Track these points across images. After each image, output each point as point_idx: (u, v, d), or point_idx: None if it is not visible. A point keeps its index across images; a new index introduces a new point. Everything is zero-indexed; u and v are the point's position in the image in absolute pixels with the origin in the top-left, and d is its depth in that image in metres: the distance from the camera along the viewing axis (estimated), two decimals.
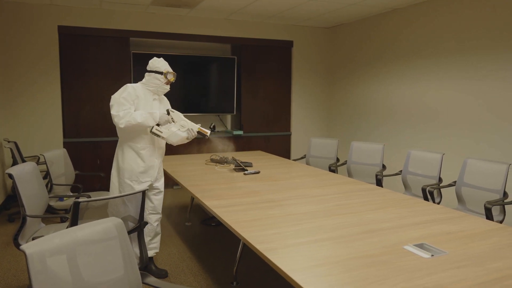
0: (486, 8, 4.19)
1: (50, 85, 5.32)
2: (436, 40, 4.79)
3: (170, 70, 3.02)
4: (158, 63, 2.99)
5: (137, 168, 2.95)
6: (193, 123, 2.99)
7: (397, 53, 5.41)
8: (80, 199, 2.09)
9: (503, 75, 4.06)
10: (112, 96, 2.90)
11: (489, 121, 4.20)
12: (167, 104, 3.22)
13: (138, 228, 2.35)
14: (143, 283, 1.71)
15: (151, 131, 2.87)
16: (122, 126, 2.78)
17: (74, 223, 2.06)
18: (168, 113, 2.96)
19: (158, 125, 2.90)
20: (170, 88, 3.07)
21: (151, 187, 3.06)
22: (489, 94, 4.19)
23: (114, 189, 3.01)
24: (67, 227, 1.98)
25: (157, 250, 3.23)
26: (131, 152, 2.96)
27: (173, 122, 2.94)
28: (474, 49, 4.33)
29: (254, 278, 3.13)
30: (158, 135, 2.88)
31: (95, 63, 5.50)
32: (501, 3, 4.04)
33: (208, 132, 3.00)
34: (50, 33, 5.26)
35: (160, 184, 3.15)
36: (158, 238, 3.22)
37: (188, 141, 3.01)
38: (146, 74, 3.02)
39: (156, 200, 3.15)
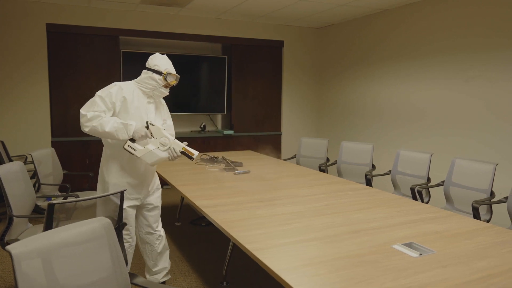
0: (473, 10, 4.25)
1: (38, 83, 5.26)
2: (424, 41, 4.83)
3: (173, 71, 2.53)
4: (158, 61, 2.53)
5: (123, 184, 2.51)
6: (177, 141, 2.48)
7: (385, 53, 5.45)
8: (54, 201, 2.05)
9: (489, 75, 4.11)
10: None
11: (477, 121, 4.25)
12: (164, 110, 2.72)
13: (117, 230, 2.31)
14: (131, 283, 1.70)
15: (123, 147, 2.38)
16: (86, 130, 2.35)
17: (48, 226, 2.01)
18: (147, 127, 2.43)
19: (133, 140, 2.39)
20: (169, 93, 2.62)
21: (142, 204, 2.68)
22: (476, 95, 4.25)
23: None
24: (42, 231, 1.95)
25: (166, 272, 2.85)
26: (116, 165, 2.53)
27: (152, 137, 2.44)
28: (462, 49, 4.38)
29: (244, 278, 3.13)
30: (131, 153, 2.40)
31: (84, 61, 5.45)
32: (488, 4, 4.09)
33: (194, 153, 2.47)
34: (38, 31, 5.20)
35: (154, 198, 2.75)
36: (166, 258, 2.84)
37: (169, 160, 2.53)
38: (144, 71, 2.55)
39: (151, 217, 2.73)
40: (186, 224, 4.39)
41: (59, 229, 1.53)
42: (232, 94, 6.35)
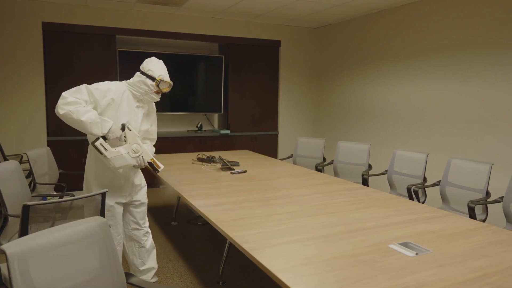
0: (471, 10, 4.26)
1: (34, 82, 5.23)
2: (422, 41, 4.85)
3: (167, 78, 2.48)
4: (153, 66, 2.47)
5: (105, 184, 2.49)
6: (148, 151, 2.49)
7: (383, 53, 5.46)
8: (29, 203, 2.04)
9: (487, 75, 4.13)
10: None
11: (473, 121, 4.27)
12: (153, 115, 2.70)
13: None
14: (127, 283, 1.69)
15: (92, 143, 2.29)
16: (60, 112, 2.24)
17: (24, 229, 1.99)
18: (123, 129, 2.37)
19: (104, 138, 2.31)
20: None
21: (128, 201, 2.67)
22: (474, 95, 4.26)
23: None
24: (18, 233, 1.94)
25: (154, 272, 2.84)
26: (99, 164, 2.48)
27: (125, 141, 2.38)
28: (459, 50, 4.39)
29: (240, 277, 3.12)
30: (100, 152, 2.30)
31: (80, 60, 5.43)
32: (486, 5, 4.11)
33: (161, 167, 2.53)
34: (34, 30, 5.17)
35: (141, 195, 2.73)
36: (153, 257, 2.83)
37: (135, 168, 2.54)
38: (137, 74, 2.50)
39: (137, 213, 2.72)
40: (183, 224, 4.38)
41: (54, 229, 1.52)
42: (229, 94, 6.34)
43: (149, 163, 2.48)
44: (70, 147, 5.41)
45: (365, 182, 3.86)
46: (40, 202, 2.12)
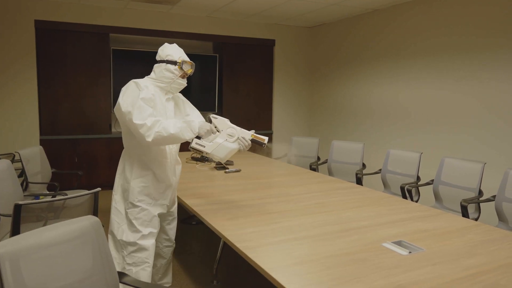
0: (463, 10, 4.28)
1: (26, 81, 5.18)
2: (414, 40, 4.87)
3: (187, 58, 2.37)
4: (169, 50, 2.33)
5: (153, 189, 2.30)
6: (243, 129, 2.33)
7: (377, 53, 5.48)
8: (21, 202, 2.02)
9: (479, 75, 4.15)
10: (121, 100, 2.16)
11: (466, 120, 4.30)
12: (186, 105, 2.54)
13: None
14: (120, 282, 1.68)
15: (190, 146, 2.23)
16: (149, 139, 2.08)
17: (15, 228, 1.98)
18: (210, 121, 2.29)
19: (198, 137, 2.24)
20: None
21: (164, 215, 2.47)
22: (466, 94, 4.29)
23: (119, 219, 2.30)
24: (10, 233, 1.92)
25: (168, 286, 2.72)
26: (143, 169, 2.28)
27: (217, 131, 2.29)
28: (452, 49, 4.42)
29: (234, 276, 3.12)
30: (200, 150, 2.25)
31: (73, 59, 5.39)
32: (478, 4, 4.13)
33: (265, 139, 2.32)
34: (27, 28, 5.13)
35: (175, 208, 2.58)
36: (170, 269, 2.73)
37: (241, 151, 2.34)
38: (156, 66, 2.34)
39: (170, 230, 2.59)
40: (177, 223, 4.36)
41: (46, 228, 1.50)
42: (223, 93, 6.33)
43: (252, 140, 2.31)
44: (63, 146, 5.37)
45: (359, 181, 3.87)
46: (32, 201, 2.10)
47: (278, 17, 6.03)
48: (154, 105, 2.21)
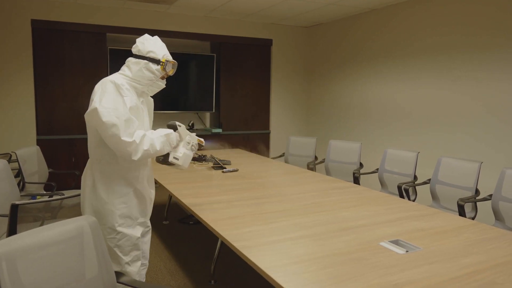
0: (460, 9, 4.30)
1: (23, 81, 5.16)
2: (411, 40, 4.88)
3: (170, 57, 2.10)
4: (153, 45, 2.02)
5: (134, 209, 2.03)
6: (190, 133, 2.23)
7: (373, 52, 5.49)
8: (18, 202, 2.01)
9: (475, 75, 4.17)
10: (99, 105, 1.81)
11: (463, 119, 4.31)
12: (151, 108, 2.26)
13: None
14: (118, 282, 1.68)
15: (164, 161, 2.06)
16: (136, 158, 1.85)
17: (12, 228, 1.97)
18: (175, 128, 2.12)
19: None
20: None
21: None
22: (462, 94, 4.30)
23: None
24: (7, 232, 1.91)
25: None
26: (124, 187, 1.99)
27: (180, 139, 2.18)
28: (448, 49, 4.43)
29: (232, 276, 3.12)
30: (173, 164, 2.09)
31: (70, 59, 5.37)
32: (474, 4, 4.15)
33: (203, 141, 2.30)
34: (23, 27, 5.11)
35: (148, 218, 2.28)
36: None
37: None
38: (133, 61, 2.01)
39: (145, 244, 2.25)
40: (174, 223, 4.36)
41: (43, 228, 1.50)
42: (221, 93, 6.33)
43: (199, 144, 2.26)
44: (60, 146, 5.36)
45: (356, 181, 3.87)
46: (29, 201, 2.09)
47: (276, 16, 6.03)
48: (136, 114, 1.94)
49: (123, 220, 1.97)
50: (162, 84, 2.11)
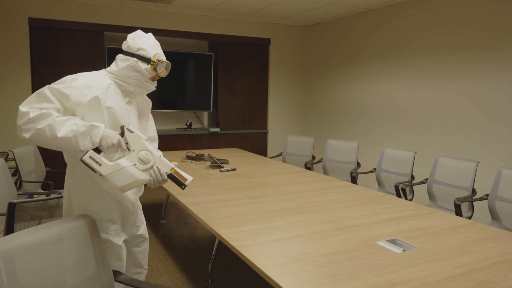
0: (457, 11, 4.31)
1: (20, 79, 5.15)
2: (409, 40, 4.89)
3: (163, 56, 1.88)
4: (144, 42, 1.85)
5: (113, 215, 1.83)
6: (164, 158, 1.75)
7: (371, 52, 5.50)
8: (15, 200, 2.01)
9: (472, 75, 4.18)
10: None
11: (460, 119, 4.32)
12: (148, 110, 2.02)
13: None
14: (115, 281, 1.68)
15: (81, 159, 1.61)
16: (25, 135, 1.56)
17: (9, 227, 1.97)
18: (123, 133, 1.69)
19: (98, 150, 1.63)
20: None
21: (131, 238, 2.01)
22: (459, 93, 4.32)
23: None
24: (4, 231, 1.91)
25: None
26: (99, 191, 1.78)
27: (127, 149, 1.70)
28: (446, 49, 4.45)
29: (229, 275, 3.12)
30: (92, 169, 1.62)
31: (68, 57, 5.36)
32: (471, 5, 4.16)
33: (188, 179, 1.77)
34: (21, 26, 5.09)
35: (143, 229, 2.11)
36: None
37: (149, 186, 1.75)
38: (121, 57, 1.84)
39: (140, 253, 2.09)
40: (172, 222, 4.36)
41: (41, 227, 1.50)
42: (219, 92, 6.33)
43: (169, 176, 1.75)
44: None
45: (353, 180, 3.88)
46: (26, 200, 2.09)
47: (273, 16, 6.03)
48: (91, 111, 1.67)
49: (102, 225, 1.78)
50: (152, 86, 1.89)
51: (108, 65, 1.89)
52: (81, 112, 1.66)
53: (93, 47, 5.47)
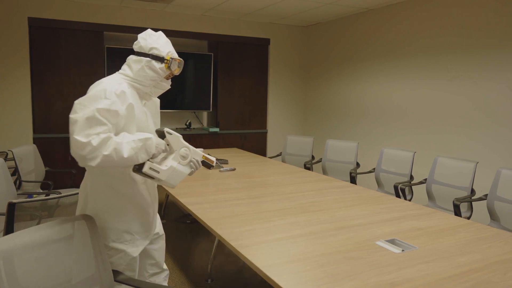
0: (457, 11, 4.31)
1: (20, 79, 5.14)
2: (408, 40, 4.89)
3: (176, 54, 1.88)
4: (156, 41, 1.82)
5: (130, 223, 1.80)
6: (195, 148, 1.87)
7: (371, 52, 5.50)
8: (15, 200, 2.01)
9: (472, 75, 4.19)
10: (76, 101, 1.65)
11: (459, 119, 4.33)
12: (156, 113, 2.00)
13: None
14: (115, 280, 1.68)
15: (138, 170, 1.69)
16: (93, 164, 1.54)
17: (9, 227, 1.97)
18: (163, 136, 1.78)
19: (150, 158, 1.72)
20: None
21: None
22: (459, 94, 4.32)
23: None
24: (3, 231, 1.91)
25: None
26: (116, 198, 1.77)
27: (169, 150, 1.82)
28: (445, 49, 4.45)
29: (229, 275, 3.13)
30: (152, 177, 1.72)
31: (67, 57, 5.36)
32: (471, 5, 4.17)
33: (214, 160, 1.96)
34: (20, 25, 5.09)
35: (159, 224, 2.09)
36: None
37: (190, 175, 1.88)
38: (133, 60, 1.82)
39: (157, 252, 2.03)
40: (171, 222, 4.36)
41: (40, 226, 1.50)
42: (218, 92, 6.33)
43: (202, 162, 1.90)
44: (57, 144, 5.34)
45: (353, 180, 3.89)
46: (25, 200, 2.09)
47: (273, 16, 6.03)
48: (129, 119, 1.70)
49: (117, 236, 1.76)
50: (166, 85, 1.91)
51: (107, 65, 1.92)
52: (123, 122, 1.69)
53: (92, 47, 5.47)
